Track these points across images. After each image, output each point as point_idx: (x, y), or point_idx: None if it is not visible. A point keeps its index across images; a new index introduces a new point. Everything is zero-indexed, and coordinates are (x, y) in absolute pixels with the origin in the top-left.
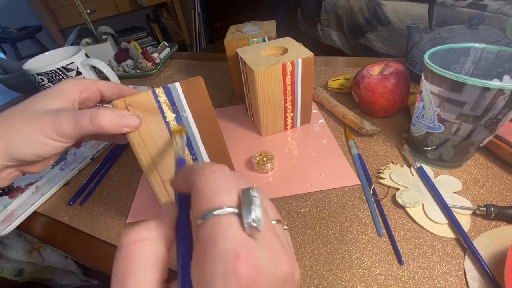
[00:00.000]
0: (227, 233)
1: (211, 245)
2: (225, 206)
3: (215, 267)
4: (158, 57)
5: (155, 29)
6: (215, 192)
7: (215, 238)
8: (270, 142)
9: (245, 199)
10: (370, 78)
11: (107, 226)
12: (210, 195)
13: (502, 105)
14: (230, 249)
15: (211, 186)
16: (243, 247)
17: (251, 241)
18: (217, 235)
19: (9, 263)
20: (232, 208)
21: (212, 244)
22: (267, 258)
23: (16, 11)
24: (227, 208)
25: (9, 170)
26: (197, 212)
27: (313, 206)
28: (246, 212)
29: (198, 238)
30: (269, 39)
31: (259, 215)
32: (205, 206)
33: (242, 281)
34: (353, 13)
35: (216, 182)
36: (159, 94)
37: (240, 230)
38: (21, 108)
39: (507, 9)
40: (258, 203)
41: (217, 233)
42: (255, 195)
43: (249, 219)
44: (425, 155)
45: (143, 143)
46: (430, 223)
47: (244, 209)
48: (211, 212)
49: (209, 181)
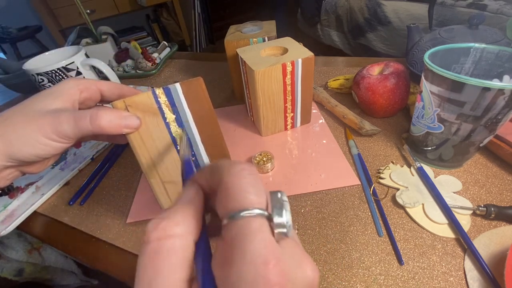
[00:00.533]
0: (256, 236)
1: (239, 247)
2: (255, 207)
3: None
4: (158, 57)
5: (155, 29)
6: (245, 191)
7: (244, 241)
8: (270, 142)
9: (275, 202)
10: (370, 78)
11: (107, 226)
12: (239, 194)
13: (502, 105)
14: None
15: (240, 184)
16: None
17: (278, 248)
18: (246, 237)
19: (9, 263)
20: (262, 210)
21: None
22: (293, 264)
23: (16, 11)
24: (257, 210)
25: (9, 170)
26: (225, 210)
27: (313, 206)
28: (277, 216)
29: (224, 237)
30: (269, 39)
31: (289, 220)
32: (233, 205)
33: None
34: (353, 13)
35: (246, 180)
36: (159, 94)
37: (269, 234)
38: (21, 108)
39: (507, 9)
40: (288, 208)
41: (246, 235)
42: (285, 200)
43: (280, 224)
44: (425, 155)
45: (143, 144)
46: (430, 223)
47: (275, 213)
48: (240, 212)
49: (239, 179)
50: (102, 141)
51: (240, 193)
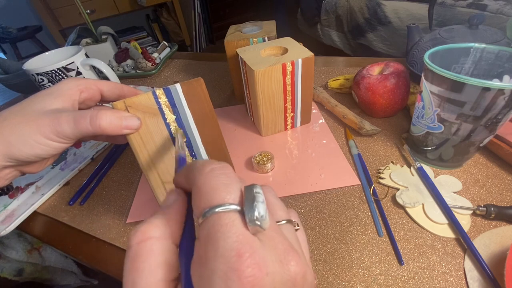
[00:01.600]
0: (228, 230)
1: (212, 243)
2: (226, 203)
3: (215, 266)
4: (158, 57)
5: (155, 29)
6: (215, 189)
7: (216, 236)
8: (270, 142)
9: (247, 195)
10: (370, 78)
11: (107, 226)
12: (210, 192)
13: (502, 105)
14: (232, 247)
15: (211, 183)
16: (246, 245)
17: (255, 240)
18: (217, 232)
19: (9, 263)
20: (234, 205)
21: (213, 242)
22: (272, 257)
23: (16, 11)
24: (229, 205)
25: (8, 170)
26: (198, 210)
27: (313, 206)
28: (248, 209)
29: (198, 236)
30: (269, 39)
31: (262, 212)
32: (205, 203)
33: (245, 280)
34: (353, 13)
35: (216, 179)
36: (160, 95)
37: (242, 228)
38: (20, 108)
39: (507, 9)
40: (261, 199)
41: (217, 230)
42: (258, 191)
43: (251, 216)
44: (425, 155)
45: (143, 144)
46: (430, 223)
47: (246, 206)
48: (211, 209)
49: (210, 178)
50: (101, 141)
51: (210, 191)
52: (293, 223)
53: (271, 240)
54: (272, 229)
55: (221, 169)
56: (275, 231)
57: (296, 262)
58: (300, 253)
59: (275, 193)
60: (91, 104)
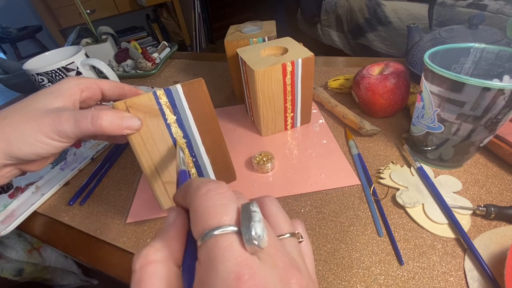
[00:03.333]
0: (226, 253)
1: (211, 267)
2: (223, 225)
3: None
4: (158, 57)
5: (155, 29)
6: (211, 211)
7: (215, 259)
8: (270, 142)
9: (244, 215)
10: (370, 78)
11: (107, 226)
12: (206, 215)
13: (502, 105)
14: (231, 270)
15: (207, 204)
16: (245, 267)
17: (254, 261)
18: (216, 256)
19: (9, 263)
20: (231, 226)
21: (212, 265)
22: (273, 277)
23: (16, 11)
24: (226, 228)
25: (8, 168)
26: (196, 233)
27: (313, 206)
28: (245, 230)
29: (198, 260)
30: (269, 39)
31: (259, 232)
32: (202, 226)
33: None
34: (353, 13)
35: (212, 200)
36: (160, 96)
37: (241, 249)
38: (21, 106)
39: (507, 9)
40: (258, 218)
41: (216, 254)
42: (255, 210)
43: (248, 237)
44: (425, 155)
45: (143, 144)
46: (430, 223)
47: (243, 227)
48: (209, 232)
49: (205, 200)
50: (102, 141)
51: (207, 214)
52: (297, 235)
53: (271, 258)
54: (271, 246)
55: (216, 189)
56: (275, 248)
57: (296, 279)
58: (302, 268)
59: (278, 204)
60: (92, 103)
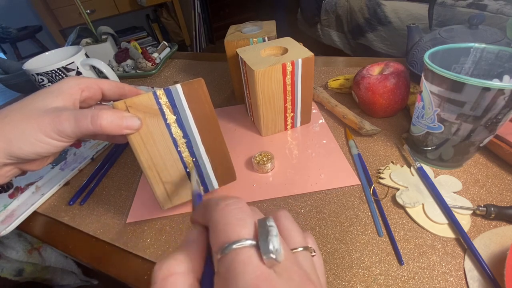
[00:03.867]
0: (246, 267)
1: (231, 280)
2: (242, 238)
3: None
4: (158, 57)
5: (155, 29)
6: (231, 224)
7: (235, 273)
8: (270, 142)
9: (261, 230)
10: (370, 78)
11: (107, 226)
12: (226, 228)
13: (502, 105)
14: (251, 284)
15: (226, 219)
16: (264, 281)
17: (271, 274)
18: (236, 269)
19: (9, 263)
20: (249, 240)
21: (232, 279)
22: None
23: (16, 11)
24: (245, 241)
25: (8, 168)
26: (216, 247)
27: (313, 206)
28: (263, 244)
29: (218, 272)
30: (269, 39)
31: (277, 246)
32: (223, 240)
33: None
34: (353, 13)
35: (231, 214)
36: (160, 96)
37: (259, 262)
38: (22, 106)
39: (507, 9)
40: (275, 233)
41: (236, 267)
42: (271, 225)
43: (266, 251)
44: (425, 155)
45: (143, 144)
46: (430, 223)
47: (261, 241)
48: (229, 245)
49: (225, 214)
50: (102, 141)
51: (226, 227)
52: (310, 249)
53: (287, 272)
54: (287, 260)
55: (234, 204)
56: (290, 261)
57: None
58: (315, 282)
59: (292, 218)
60: (92, 103)
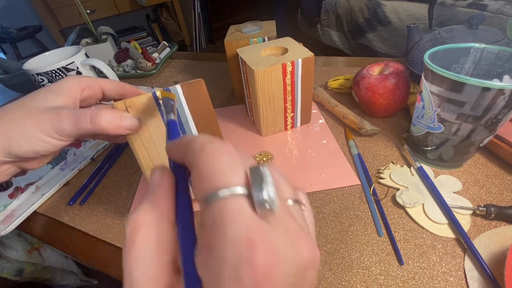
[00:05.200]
0: (237, 217)
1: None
2: (231, 185)
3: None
4: (158, 57)
5: (155, 29)
6: (218, 171)
7: (224, 223)
8: (270, 142)
9: (254, 176)
10: (370, 78)
11: (107, 226)
12: (213, 175)
13: (502, 105)
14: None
15: (214, 165)
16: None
17: (265, 225)
18: (225, 219)
19: (9, 263)
20: (239, 187)
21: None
22: (285, 242)
23: (16, 11)
24: (234, 188)
25: (7, 166)
26: (200, 194)
27: (313, 206)
28: (256, 192)
29: (202, 223)
30: (269, 39)
31: (271, 194)
32: (208, 187)
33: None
34: (353, 13)
35: (219, 160)
36: (160, 96)
37: (251, 212)
38: (22, 104)
39: (507, 9)
40: (269, 180)
41: (225, 217)
42: (266, 172)
43: (260, 200)
44: (425, 155)
45: (142, 145)
46: (430, 223)
47: (254, 188)
48: (216, 193)
49: (211, 160)
50: (101, 141)
51: (213, 174)
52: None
53: (281, 224)
54: (282, 211)
55: (222, 149)
56: (285, 213)
57: (308, 246)
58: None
59: (280, 171)
60: (92, 102)
